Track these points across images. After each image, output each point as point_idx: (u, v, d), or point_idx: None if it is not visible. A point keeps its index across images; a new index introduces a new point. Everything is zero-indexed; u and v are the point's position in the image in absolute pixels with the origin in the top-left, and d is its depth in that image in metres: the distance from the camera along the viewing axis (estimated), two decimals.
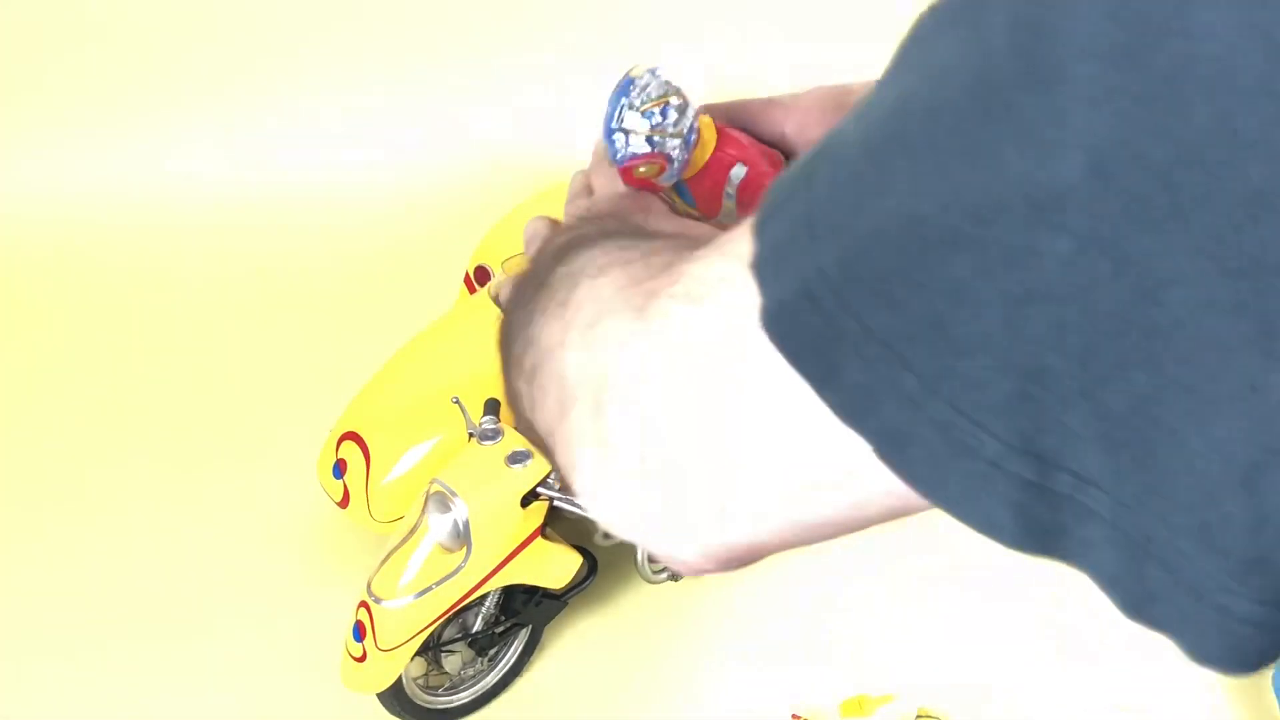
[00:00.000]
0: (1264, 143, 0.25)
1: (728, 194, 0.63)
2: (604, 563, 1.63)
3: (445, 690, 1.57)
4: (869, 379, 0.29)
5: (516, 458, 1.44)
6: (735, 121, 0.64)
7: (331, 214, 2.27)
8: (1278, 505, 0.27)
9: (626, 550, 1.62)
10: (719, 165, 0.63)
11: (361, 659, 1.44)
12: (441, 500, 1.44)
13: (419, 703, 1.53)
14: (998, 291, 0.27)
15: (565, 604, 1.60)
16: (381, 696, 1.48)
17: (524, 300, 0.46)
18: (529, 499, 1.45)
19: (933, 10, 0.31)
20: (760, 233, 0.33)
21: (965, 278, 0.28)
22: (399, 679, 1.47)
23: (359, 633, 1.43)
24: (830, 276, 0.30)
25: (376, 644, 1.42)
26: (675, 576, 1.64)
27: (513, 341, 0.46)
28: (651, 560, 1.61)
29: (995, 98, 0.27)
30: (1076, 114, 0.26)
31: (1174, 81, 0.25)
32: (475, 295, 1.76)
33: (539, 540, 1.50)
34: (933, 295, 0.28)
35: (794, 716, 1.57)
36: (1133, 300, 0.26)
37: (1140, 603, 0.29)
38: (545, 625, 1.62)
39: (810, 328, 0.30)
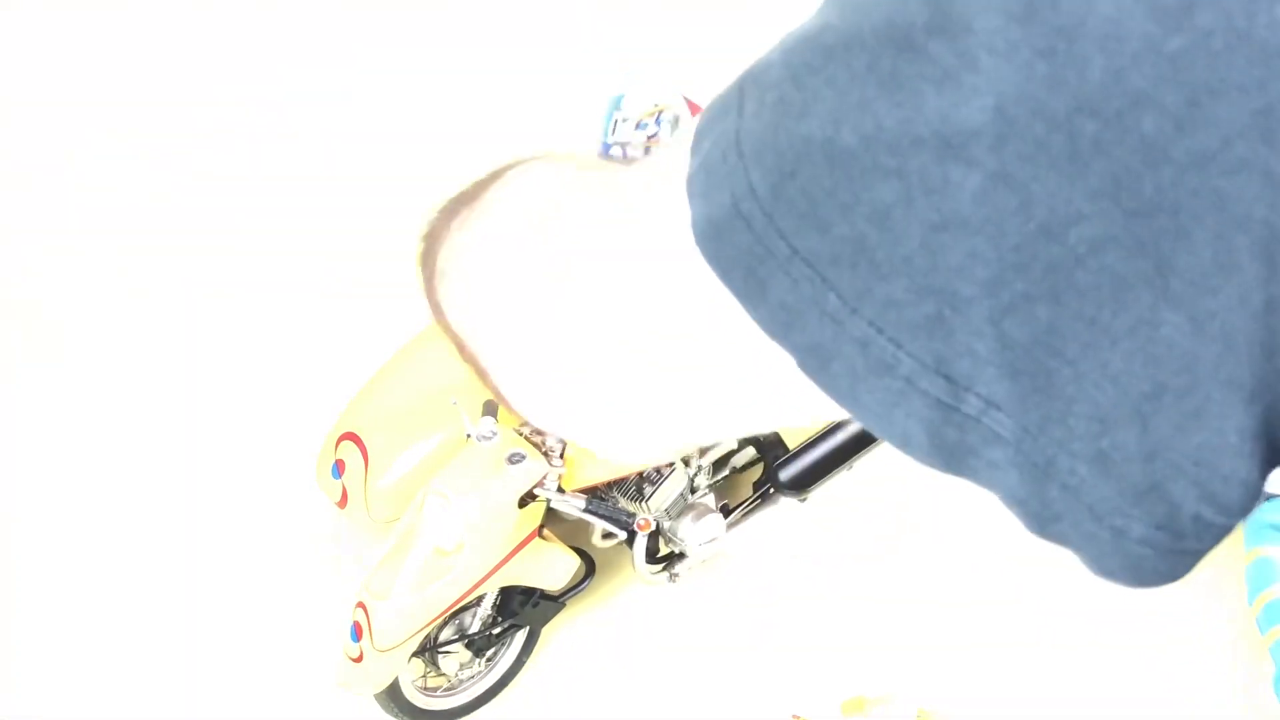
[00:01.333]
0: (1155, 97, 0.26)
1: None
2: (601, 564, 1.63)
3: (443, 691, 1.57)
4: (794, 298, 0.31)
5: (514, 459, 1.44)
6: None
7: (331, 214, 2.27)
8: (1167, 437, 0.29)
9: (624, 552, 1.61)
10: None
11: (359, 659, 1.43)
12: (439, 501, 1.44)
13: (416, 704, 1.52)
14: (917, 218, 0.29)
15: (563, 605, 1.60)
16: (379, 697, 1.48)
17: (452, 214, 0.47)
18: (526, 500, 1.45)
19: None
20: (694, 151, 0.34)
21: (889, 203, 0.29)
22: (396, 680, 1.47)
23: (356, 633, 1.43)
24: (760, 196, 0.31)
25: (374, 644, 1.41)
26: (674, 577, 1.64)
27: (437, 245, 0.47)
28: (649, 561, 1.60)
29: (909, 40, 0.29)
30: (984, 62, 0.28)
31: (1070, 38, 0.27)
32: None
33: (536, 541, 1.50)
34: (857, 219, 0.30)
35: (794, 717, 1.57)
36: (1037, 235, 0.28)
37: (1044, 522, 0.31)
38: (543, 626, 1.62)
39: (740, 246, 0.32)
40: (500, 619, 1.55)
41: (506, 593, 1.54)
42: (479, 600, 1.51)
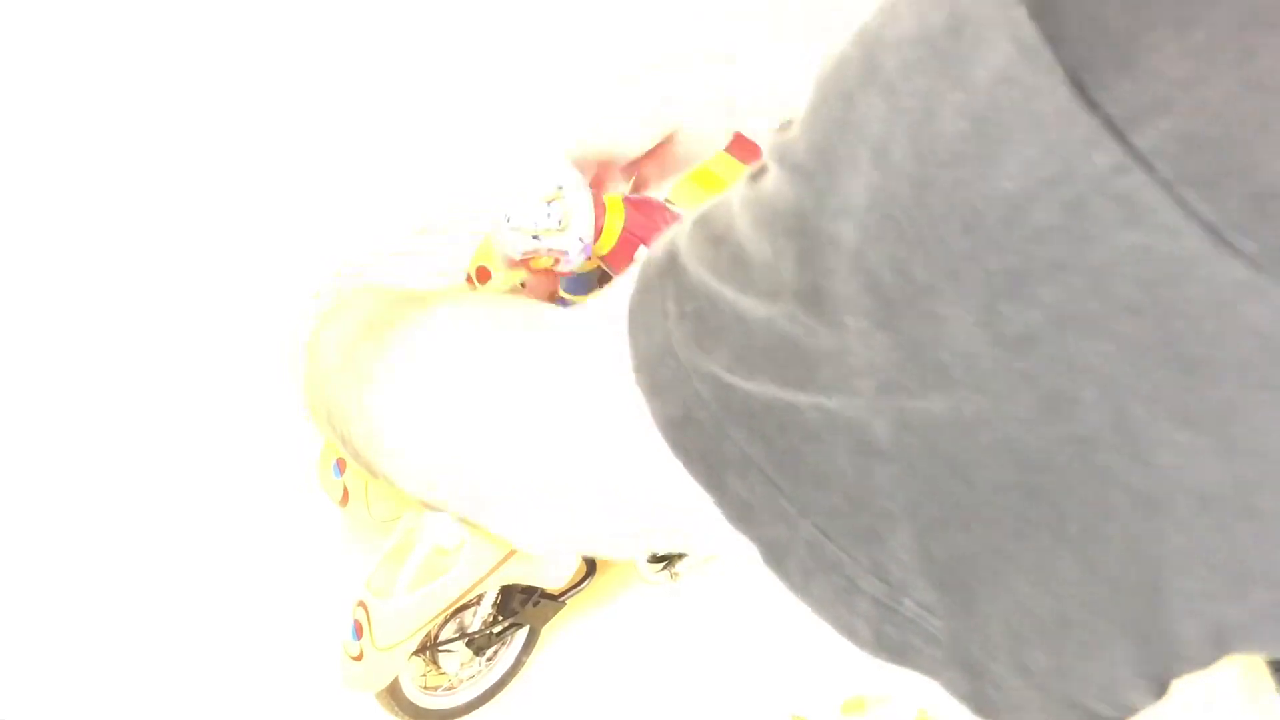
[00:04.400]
0: (1015, 398, 0.29)
1: None
2: (602, 563, 1.63)
3: (443, 690, 1.57)
4: (751, 497, 0.35)
5: None
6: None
7: (331, 214, 2.27)
8: (1072, 661, 0.32)
9: None
10: (628, 244, 0.66)
11: (359, 658, 1.43)
12: None
13: (418, 703, 1.52)
14: (842, 445, 0.32)
15: (563, 604, 1.60)
16: (379, 696, 1.48)
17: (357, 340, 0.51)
18: None
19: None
20: (633, 340, 0.38)
21: (818, 428, 0.33)
22: (397, 679, 1.47)
23: (356, 632, 1.43)
24: (709, 405, 0.35)
25: (374, 642, 1.41)
26: (675, 575, 1.64)
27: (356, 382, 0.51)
28: (651, 560, 1.60)
29: (794, 317, 0.32)
30: (856, 348, 0.30)
31: (921, 348, 0.30)
32: None
33: None
34: (793, 436, 0.33)
35: (794, 716, 1.57)
36: (947, 475, 0.31)
37: (989, 713, 0.36)
38: (543, 625, 1.62)
39: (699, 444, 0.35)
40: (501, 618, 1.55)
41: (507, 591, 1.54)
42: (479, 599, 1.51)
